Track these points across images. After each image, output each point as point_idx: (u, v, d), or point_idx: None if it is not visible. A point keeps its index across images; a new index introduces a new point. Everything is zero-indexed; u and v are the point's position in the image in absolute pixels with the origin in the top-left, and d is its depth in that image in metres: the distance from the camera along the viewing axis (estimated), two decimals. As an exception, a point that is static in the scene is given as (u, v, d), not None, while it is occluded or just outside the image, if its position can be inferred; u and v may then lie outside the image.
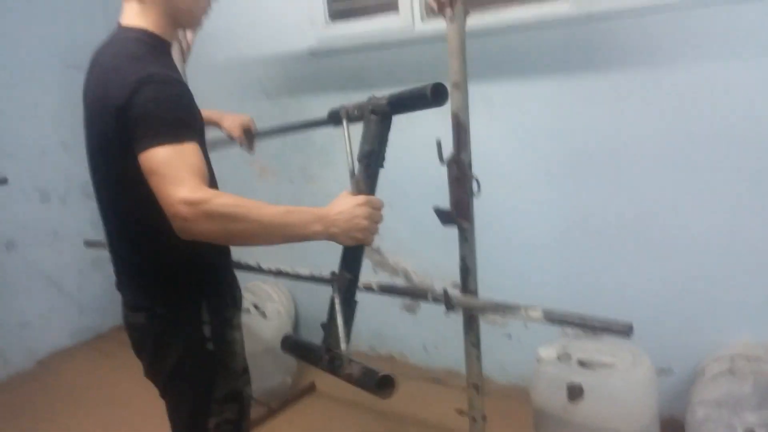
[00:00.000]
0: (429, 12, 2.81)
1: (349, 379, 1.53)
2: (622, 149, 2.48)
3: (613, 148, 2.50)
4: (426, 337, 3.24)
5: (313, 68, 3.22)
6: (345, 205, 1.42)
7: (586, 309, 2.42)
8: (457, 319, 2.27)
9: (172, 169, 1.26)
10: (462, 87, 1.83)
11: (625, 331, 1.64)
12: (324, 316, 1.68)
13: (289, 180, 3.51)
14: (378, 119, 1.62)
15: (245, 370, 1.71)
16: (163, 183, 1.26)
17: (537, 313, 1.78)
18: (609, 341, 2.29)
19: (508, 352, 2.97)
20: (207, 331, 1.56)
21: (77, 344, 4.00)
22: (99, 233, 3.81)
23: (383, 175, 1.68)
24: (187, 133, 1.32)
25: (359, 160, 1.61)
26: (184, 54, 2.56)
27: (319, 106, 3.03)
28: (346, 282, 1.61)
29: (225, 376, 1.61)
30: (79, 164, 3.89)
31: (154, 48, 1.47)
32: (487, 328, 2.93)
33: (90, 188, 3.57)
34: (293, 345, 1.83)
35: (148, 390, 1.71)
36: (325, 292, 1.73)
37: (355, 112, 1.73)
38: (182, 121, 1.33)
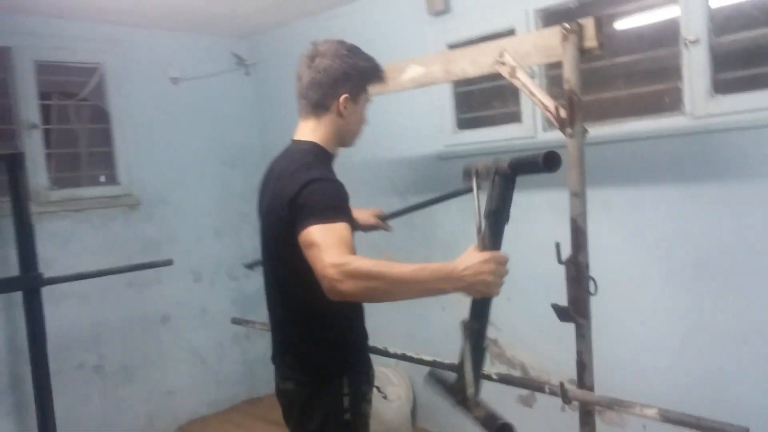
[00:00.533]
0: (550, 124, 3.05)
1: (476, 420, 1.64)
2: (741, 258, 2.54)
3: (733, 256, 2.56)
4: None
5: (440, 170, 3.53)
6: (471, 260, 1.51)
7: (703, 414, 2.46)
8: (572, 415, 2.37)
9: (323, 241, 1.54)
10: (581, 195, 2.04)
11: (740, 434, 1.70)
12: (441, 401, 1.83)
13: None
14: (501, 179, 1.71)
15: None
16: (316, 252, 1.54)
17: (653, 412, 1.87)
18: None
19: (626, 452, 2.97)
20: (346, 402, 1.80)
21: (213, 414, 4.35)
22: (240, 311, 4.24)
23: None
24: (339, 215, 1.62)
25: (485, 217, 1.70)
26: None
27: (444, 206, 3.33)
28: (474, 330, 1.68)
29: (356, 444, 1.83)
30: (227, 250, 4.42)
31: (320, 157, 1.82)
32: (604, 428, 2.96)
33: (234, 271, 4.06)
34: (437, 379, 1.86)
35: None
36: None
37: (484, 172, 1.81)
38: (336, 206, 1.65)
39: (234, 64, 4.47)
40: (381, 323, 2.16)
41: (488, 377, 2.33)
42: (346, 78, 1.81)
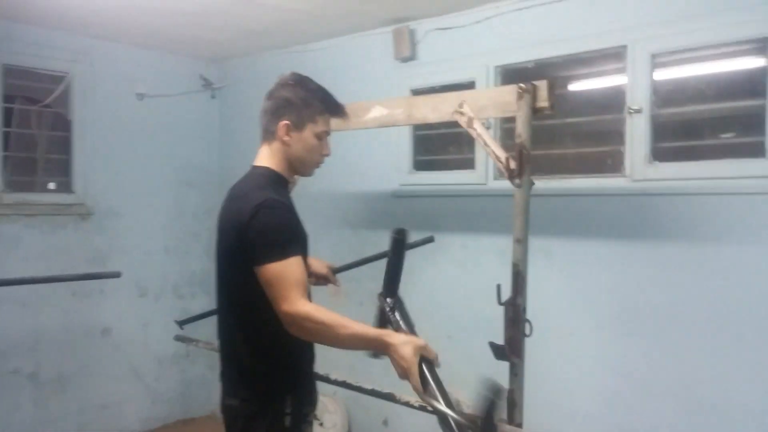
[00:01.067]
0: (501, 174, 3.23)
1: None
2: (668, 314, 2.73)
3: (660, 312, 2.75)
4: (471, 468, 3.39)
5: (394, 208, 3.66)
6: (399, 340, 1.70)
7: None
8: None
9: (280, 284, 1.72)
10: (523, 242, 2.19)
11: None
12: None
13: (359, 302, 3.85)
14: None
15: None
16: (274, 293, 1.72)
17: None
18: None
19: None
20: (287, 421, 1.88)
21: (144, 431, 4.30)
22: (185, 328, 4.23)
23: (447, 308, 2.03)
24: (291, 249, 1.77)
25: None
26: (290, 186, 3.02)
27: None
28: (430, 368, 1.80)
29: (296, 462, 1.90)
30: (175, 267, 4.44)
31: (274, 181, 1.93)
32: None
33: (180, 289, 4.09)
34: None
35: None
36: (377, 409, 2.01)
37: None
38: (287, 239, 1.79)
39: (201, 86, 4.54)
40: (325, 351, 2.23)
41: (423, 407, 2.43)
42: (287, 105, 1.90)
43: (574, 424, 2.99)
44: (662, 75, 2.76)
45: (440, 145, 3.65)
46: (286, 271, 1.73)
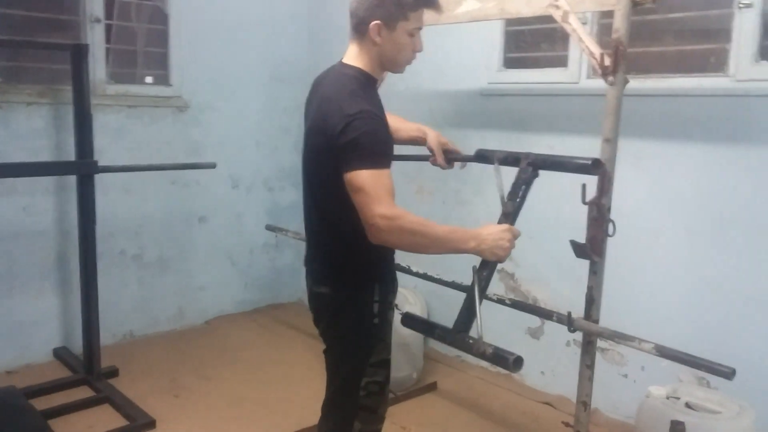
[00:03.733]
0: (594, 72, 3.12)
1: (483, 356, 1.87)
2: (762, 222, 2.65)
3: (754, 219, 2.66)
4: (545, 363, 3.50)
5: (482, 108, 3.62)
6: (494, 228, 1.86)
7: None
8: (576, 351, 2.53)
9: (373, 189, 1.71)
10: (612, 142, 2.15)
11: (728, 373, 1.87)
12: (452, 325, 2.02)
13: (442, 201, 3.91)
14: (532, 171, 2.10)
15: (390, 345, 2.10)
16: (367, 199, 1.71)
17: (649, 346, 2.04)
18: (720, 394, 2.45)
19: (623, 391, 3.15)
20: (376, 308, 1.97)
21: (239, 313, 4.63)
22: (273, 221, 4.44)
23: (530, 208, 2.05)
24: (384, 161, 1.78)
25: (509, 198, 2.07)
26: (378, 83, 3.03)
27: (483, 142, 3.44)
28: (483, 277, 1.97)
29: (382, 346, 2.02)
30: (266, 161, 4.61)
31: (364, 84, 1.90)
32: (605, 366, 3.15)
33: (270, 182, 4.23)
34: (413, 321, 2.17)
35: (295, 358, 2.13)
36: (455, 302, 2.09)
37: (509, 159, 2.18)
38: (381, 151, 1.79)
39: (292, -22, 4.53)
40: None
41: (502, 301, 2.52)
42: (379, 4, 1.83)
43: (653, 326, 2.99)
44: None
45: (532, 42, 3.53)
46: (380, 178, 1.73)
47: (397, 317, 2.11)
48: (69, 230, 3.70)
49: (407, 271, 2.93)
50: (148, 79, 4.17)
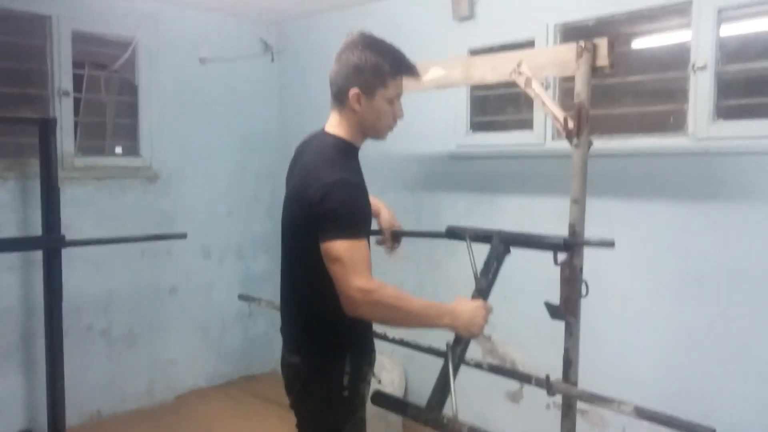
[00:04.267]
0: (559, 134, 3.19)
1: None
2: (729, 278, 2.67)
3: (722, 275, 2.69)
4: (525, 427, 3.43)
5: (451, 170, 3.66)
6: (468, 306, 1.88)
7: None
8: (556, 414, 2.49)
9: (350, 260, 1.70)
10: (580, 202, 2.18)
11: (708, 432, 1.84)
12: (431, 391, 1.99)
13: (416, 265, 3.90)
14: (504, 248, 2.17)
15: (365, 422, 2.03)
16: (343, 270, 1.70)
17: (629, 408, 2.01)
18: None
19: (605, 453, 3.11)
20: (345, 380, 1.91)
21: (211, 387, 4.50)
22: (247, 288, 4.38)
23: (503, 269, 2.06)
24: (362, 231, 1.77)
25: (482, 274, 2.12)
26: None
27: (452, 203, 3.46)
28: (457, 356, 1.98)
29: (353, 422, 1.95)
30: (238, 229, 4.58)
31: (344, 153, 1.90)
32: (586, 428, 3.10)
33: (243, 251, 4.18)
34: (384, 399, 2.11)
35: None
36: (434, 367, 2.06)
37: (481, 236, 2.26)
38: (359, 221, 1.78)
39: (261, 49, 4.62)
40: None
41: (480, 366, 2.48)
42: (357, 72, 1.83)
43: (630, 386, 2.97)
44: (728, 30, 2.65)
45: (498, 106, 3.62)
46: (357, 249, 1.72)
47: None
48: (35, 307, 3.59)
49: (383, 337, 2.88)
50: (118, 150, 4.15)
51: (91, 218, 3.86)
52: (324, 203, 1.74)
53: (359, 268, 1.70)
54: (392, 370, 3.69)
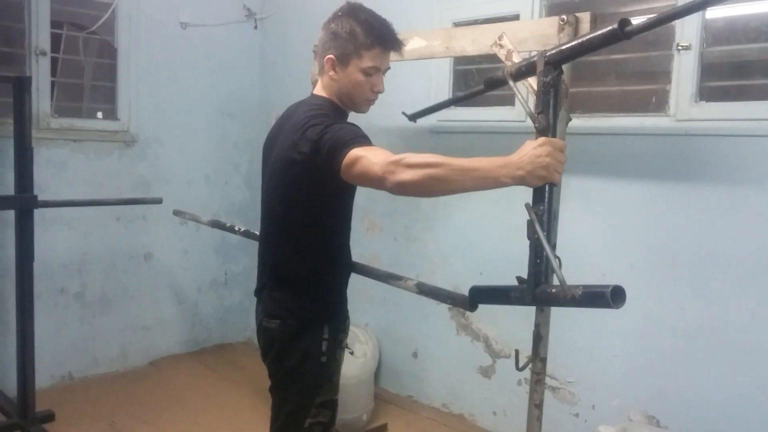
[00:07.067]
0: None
1: (574, 301, 1.58)
2: (707, 258, 2.69)
3: (698, 256, 2.71)
4: (497, 403, 3.46)
5: (433, 144, 3.64)
6: (526, 148, 1.49)
7: (653, 404, 2.63)
8: (528, 390, 2.51)
9: (369, 153, 1.63)
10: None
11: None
12: (404, 365, 1.98)
13: (393, 237, 3.89)
14: (557, 74, 1.71)
15: (338, 387, 2.05)
16: (366, 161, 1.60)
17: (412, 284, 2.01)
18: None
19: (574, 430, 3.14)
20: (324, 346, 1.93)
21: (185, 353, 4.49)
22: (222, 258, 4.35)
23: (479, 245, 2.03)
24: (368, 141, 1.72)
25: (538, 111, 1.73)
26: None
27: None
28: (543, 213, 1.65)
29: (328, 386, 1.97)
30: (215, 196, 4.53)
31: (336, 111, 1.91)
32: (556, 405, 3.14)
33: (220, 218, 4.14)
34: (482, 293, 1.93)
35: (240, 401, 2.06)
36: (407, 341, 2.05)
37: (522, 69, 1.88)
38: (363, 135, 1.74)
39: (244, 16, 4.54)
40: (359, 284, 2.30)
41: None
42: (334, 38, 1.86)
43: (600, 362, 3.01)
44: (714, 12, 2.64)
45: (480, 81, 3.57)
46: (370, 148, 1.66)
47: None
48: (7, 267, 3.54)
49: (396, 277, 2.88)
50: (99, 115, 4.07)
51: (67, 180, 3.81)
52: (326, 133, 1.72)
53: (380, 151, 1.61)
54: (366, 342, 3.69)
